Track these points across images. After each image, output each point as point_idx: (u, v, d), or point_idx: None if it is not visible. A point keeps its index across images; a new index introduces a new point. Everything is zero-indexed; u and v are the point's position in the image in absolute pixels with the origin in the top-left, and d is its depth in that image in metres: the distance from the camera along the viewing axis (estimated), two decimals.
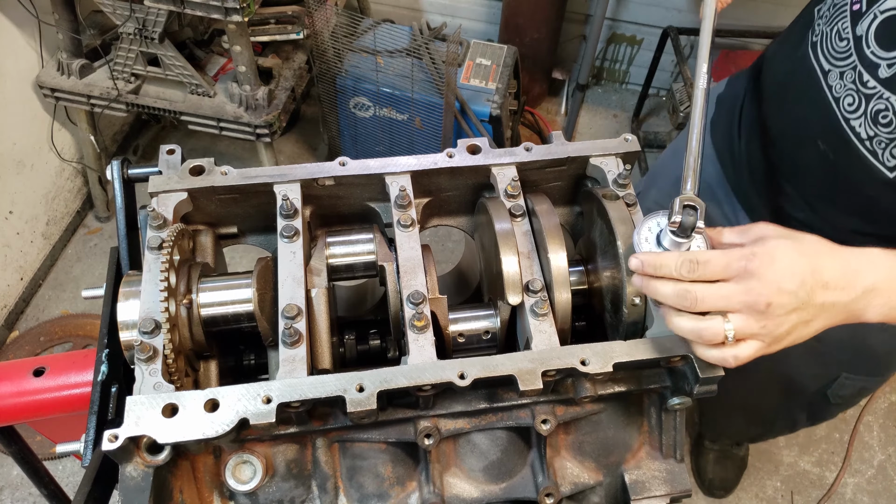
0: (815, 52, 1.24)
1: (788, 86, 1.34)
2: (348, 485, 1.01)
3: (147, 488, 0.86)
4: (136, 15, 2.61)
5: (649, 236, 0.98)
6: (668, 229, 0.94)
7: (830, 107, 1.21)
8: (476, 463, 1.04)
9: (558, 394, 1.01)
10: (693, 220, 0.93)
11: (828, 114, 1.21)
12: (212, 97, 2.90)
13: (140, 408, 0.87)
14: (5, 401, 1.24)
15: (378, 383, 0.91)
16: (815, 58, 1.24)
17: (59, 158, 3.22)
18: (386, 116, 3.15)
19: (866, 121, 1.14)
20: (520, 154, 1.18)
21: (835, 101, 1.20)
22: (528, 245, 1.10)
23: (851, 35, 1.16)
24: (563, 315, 1.06)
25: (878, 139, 1.14)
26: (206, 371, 1.10)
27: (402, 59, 2.96)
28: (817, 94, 1.23)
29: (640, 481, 1.07)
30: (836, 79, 1.19)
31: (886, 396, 3.09)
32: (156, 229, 1.05)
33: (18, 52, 2.89)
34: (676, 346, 0.96)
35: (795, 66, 1.30)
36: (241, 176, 1.12)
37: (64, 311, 3.17)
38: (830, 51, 1.21)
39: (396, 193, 1.12)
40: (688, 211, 0.93)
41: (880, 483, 2.86)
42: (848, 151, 1.19)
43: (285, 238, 1.07)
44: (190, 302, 1.03)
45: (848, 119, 1.18)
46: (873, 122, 1.14)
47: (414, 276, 1.04)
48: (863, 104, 1.15)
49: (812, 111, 1.25)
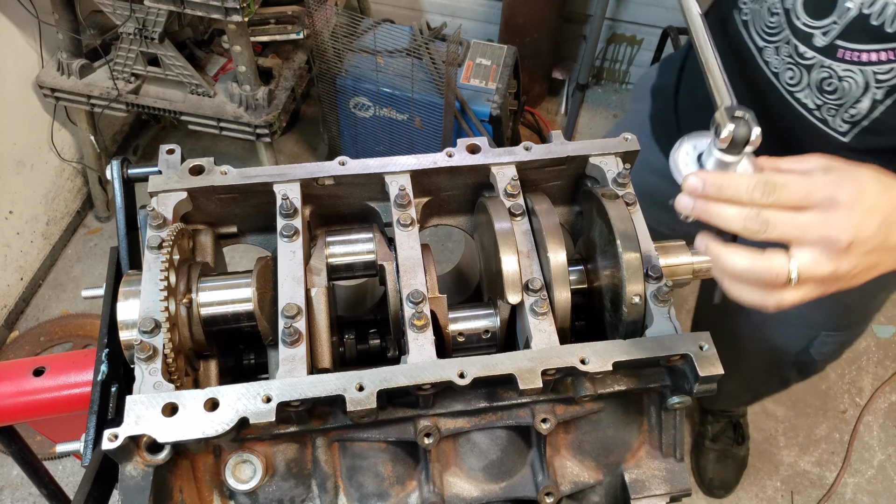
0: (748, 31, 1.22)
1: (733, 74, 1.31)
2: (348, 484, 1.01)
3: (147, 488, 0.86)
4: (136, 15, 2.61)
5: (688, 160, 0.86)
6: (716, 147, 0.81)
7: (771, 83, 1.20)
8: (476, 462, 1.04)
9: (558, 393, 1.01)
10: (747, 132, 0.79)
11: (771, 90, 1.20)
12: (212, 97, 2.90)
13: (140, 407, 0.87)
14: (5, 401, 1.24)
15: (378, 382, 0.91)
16: (748, 36, 1.22)
17: (59, 158, 3.22)
18: (386, 116, 3.15)
19: (811, 91, 1.13)
20: (519, 153, 1.18)
21: (775, 77, 1.19)
22: (528, 244, 1.10)
23: (781, 8, 1.14)
24: (562, 314, 1.06)
25: (826, 107, 1.12)
26: (205, 370, 1.10)
27: (402, 59, 2.96)
28: (755, 73, 1.22)
29: (639, 480, 1.07)
30: (773, 54, 1.18)
31: (886, 396, 3.09)
32: (155, 229, 1.06)
33: (18, 52, 2.89)
34: (676, 345, 0.96)
35: (727, 47, 1.27)
36: (240, 175, 1.12)
37: (64, 311, 3.17)
38: (763, 27, 1.19)
39: (396, 193, 1.12)
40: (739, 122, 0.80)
41: (880, 483, 2.86)
42: (799, 123, 1.18)
43: (285, 237, 1.07)
44: (190, 301, 1.03)
45: (792, 92, 1.17)
46: (819, 92, 1.12)
47: (414, 276, 1.04)
48: (804, 76, 1.13)
49: (753, 90, 1.24)
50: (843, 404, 3.07)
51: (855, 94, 1.10)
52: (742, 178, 0.80)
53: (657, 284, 1.04)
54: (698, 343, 0.96)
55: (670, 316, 1.01)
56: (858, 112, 1.11)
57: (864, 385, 3.13)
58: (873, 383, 3.13)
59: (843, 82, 1.09)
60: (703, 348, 0.96)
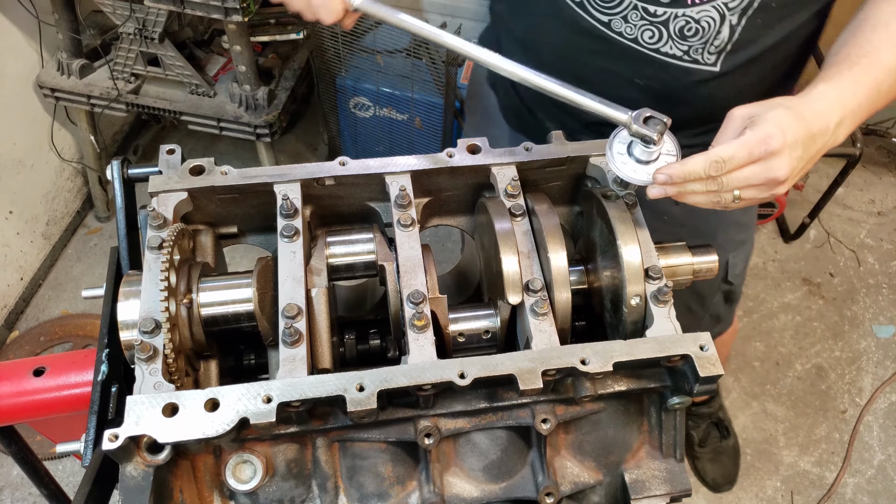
0: (587, 11, 1.26)
1: (571, 53, 1.33)
2: (348, 484, 1.01)
3: (147, 488, 0.86)
4: (136, 15, 2.61)
5: (622, 149, 1.05)
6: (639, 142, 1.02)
7: (632, 48, 1.26)
8: (476, 462, 1.04)
9: (558, 393, 1.01)
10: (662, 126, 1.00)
11: (633, 55, 1.27)
12: (212, 97, 2.90)
13: (140, 407, 0.87)
14: (5, 401, 1.24)
15: (378, 383, 0.91)
16: (589, 16, 1.26)
17: (59, 158, 3.22)
18: (386, 116, 3.15)
19: (674, 42, 1.22)
20: (520, 154, 1.18)
21: (634, 42, 1.25)
22: (528, 245, 1.10)
23: None
24: (562, 314, 1.06)
25: (692, 49, 1.23)
26: (206, 371, 1.10)
27: (402, 59, 2.96)
28: (609, 45, 1.27)
29: (640, 481, 1.07)
30: (622, 24, 1.24)
31: (886, 396, 3.09)
32: (156, 229, 1.05)
33: (18, 52, 2.89)
34: (676, 346, 0.96)
35: (569, 34, 1.30)
36: (241, 176, 1.12)
37: (64, 311, 3.17)
38: (600, 3, 1.24)
39: (396, 193, 1.12)
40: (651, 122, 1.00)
41: (880, 483, 2.86)
42: (670, 72, 1.27)
43: (285, 238, 1.07)
44: (190, 301, 1.03)
45: (657, 49, 1.25)
46: (682, 39, 1.22)
47: (414, 276, 1.04)
48: (663, 31, 1.22)
49: (615, 61, 1.29)
50: (843, 404, 3.07)
51: (714, 28, 1.20)
52: (698, 163, 0.98)
53: (657, 285, 1.04)
54: (698, 343, 0.96)
55: (670, 316, 1.02)
56: (721, 41, 1.22)
57: (864, 385, 3.13)
58: (873, 383, 3.13)
59: (701, 23, 1.19)
60: (703, 349, 0.96)
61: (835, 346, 3.25)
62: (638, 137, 1.02)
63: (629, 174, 1.05)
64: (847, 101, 1.05)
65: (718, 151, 0.98)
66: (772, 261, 3.53)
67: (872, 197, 3.81)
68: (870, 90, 1.06)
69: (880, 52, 1.08)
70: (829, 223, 3.67)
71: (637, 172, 1.04)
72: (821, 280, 3.46)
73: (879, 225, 3.69)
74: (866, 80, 1.06)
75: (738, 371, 3.14)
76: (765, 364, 3.17)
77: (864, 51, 1.09)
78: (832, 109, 1.03)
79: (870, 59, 1.08)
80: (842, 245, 3.60)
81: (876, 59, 1.07)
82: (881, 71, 1.07)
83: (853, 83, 1.06)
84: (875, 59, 1.07)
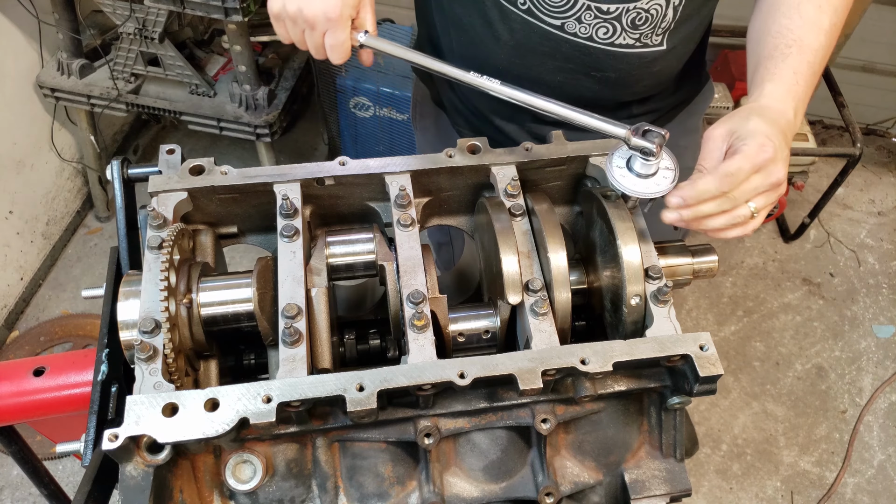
0: (536, 16, 1.28)
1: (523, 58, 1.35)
2: (348, 484, 1.01)
3: (147, 488, 0.86)
4: (136, 15, 2.61)
5: (620, 163, 1.07)
6: (638, 156, 1.04)
7: (586, 47, 1.30)
8: (476, 462, 1.04)
9: (558, 393, 1.01)
10: (661, 139, 1.03)
11: (587, 52, 1.30)
12: (212, 97, 2.90)
13: (140, 407, 0.87)
14: (5, 401, 1.24)
15: (378, 383, 0.91)
16: (539, 21, 1.28)
17: (59, 158, 3.22)
18: (386, 116, 3.15)
19: (627, 32, 1.27)
20: (519, 154, 1.18)
21: (588, 40, 1.29)
22: (528, 244, 1.10)
23: None
24: (562, 314, 1.06)
25: (643, 34, 1.28)
26: (206, 370, 1.10)
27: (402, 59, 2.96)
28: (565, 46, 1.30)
29: (640, 480, 1.07)
30: (575, 25, 1.27)
31: (886, 396, 3.09)
32: (156, 229, 1.05)
33: (18, 52, 2.89)
34: (676, 346, 0.96)
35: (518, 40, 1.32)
36: (241, 175, 1.12)
37: (64, 311, 3.17)
38: (549, 8, 1.26)
39: (396, 193, 1.12)
40: (649, 135, 1.03)
41: (880, 483, 2.86)
42: (623, 61, 1.31)
43: (285, 237, 1.07)
44: (190, 301, 1.03)
45: (612, 42, 1.29)
46: (634, 28, 1.26)
47: (414, 276, 1.04)
48: (616, 26, 1.26)
49: (569, 60, 1.33)
50: (843, 404, 3.07)
51: (662, 13, 1.25)
52: (710, 182, 1.03)
53: (657, 284, 1.04)
54: (698, 343, 0.96)
55: (670, 316, 1.02)
56: (667, 23, 1.28)
57: (864, 385, 3.13)
58: (873, 383, 3.13)
59: (651, 11, 1.24)
60: (703, 348, 0.96)
61: (835, 346, 3.25)
62: (637, 150, 1.04)
63: (629, 187, 1.06)
64: (794, 91, 1.15)
65: (726, 167, 1.03)
66: (772, 261, 3.53)
67: (872, 197, 3.81)
68: (807, 75, 1.17)
69: (803, 38, 1.18)
70: (829, 223, 3.67)
71: (637, 185, 1.06)
72: (821, 280, 3.46)
73: (879, 225, 3.69)
74: (802, 67, 1.17)
75: (738, 371, 3.14)
76: (765, 364, 3.17)
77: (789, 40, 1.18)
78: (786, 103, 1.13)
79: (797, 46, 1.18)
80: (842, 245, 3.60)
81: (802, 46, 1.18)
82: (810, 54, 1.18)
83: (794, 74, 1.16)
84: (801, 46, 1.18)
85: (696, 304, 3.35)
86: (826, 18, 1.20)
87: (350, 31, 1.16)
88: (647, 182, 1.05)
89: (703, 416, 3.01)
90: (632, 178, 1.06)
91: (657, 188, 1.05)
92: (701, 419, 3.00)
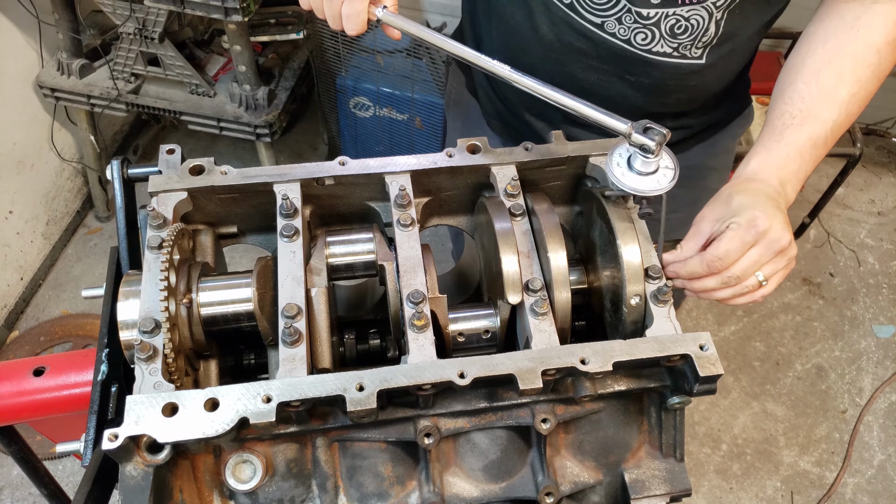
0: (578, 12, 1.27)
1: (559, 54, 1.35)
2: (348, 484, 1.01)
3: (147, 488, 0.86)
4: (136, 15, 2.61)
5: (621, 161, 1.07)
6: (639, 154, 1.04)
7: (623, 49, 1.29)
8: (476, 462, 1.04)
9: (558, 393, 1.01)
10: (662, 137, 1.03)
11: (624, 55, 1.29)
12: (212, 97, 2.90)
13: (140, 407, 0.87)
14: (5, 401, 1.24)
15: (378, 382, 0.91)
16: (580, 17, 1.28)
17: (59, 158, 3.22)
18: (386, 116, 3.15)
19: (665, 40, 1.26)
20: (519, 153, 1.18)
21: (626, 43, 1.28)
22: (528, 244, 1.10)
23: None
24: (562, 314, 1.06)
25: (682, 45, 1.27)
26: (206, 370, 1.10)
27: (402, 59, 2.96)
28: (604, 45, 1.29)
29: (640, 480, 1.07)
30: (615, 25, 1.26)
31: (886, 396, 3.09)
32: (156, 229, 1.05)
33: (18, 52, 2.89)
34: (676, 345, 0.96)
35: (558, 34, 1.32)
36: (240, 175, 1.12)
37: (64, 311, 3.17)
38: (592, 5, 1.25)
39: (396, 193, 1.12)
40: (650, 132, 1.03)
41: (880, 483, 2.86)
42: (659, 69, 1.31)
43: (285, 237, 1.07)
44: (190, 301, 1.03)
45: (649, 49, 1.28)
46: (672, 37, 1.25)
47: (414, 276, 1.04)
48: (655, 32, 1.25)
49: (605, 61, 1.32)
50: (843, 404, 3.07)
51: (703, 25, 1.24)
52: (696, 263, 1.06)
53: (657, 284, 1.04)
54: (698, 343, 0.96)
55: (670, 316, 1.02)
56: (708, 37, 1.26)
57: (864, 385, 3.13)
58: (873, 383, 3.13)
59: (691, 21, 1.23)
60: (703, 348, 0.96)
61: (835, 346, 3.25)
62: (637, 146, 1.03)
63: (629, 184, 1.06)
64: (784, 167, 1.15)
65: (713, 250, 1.05)
66: None
67: (872, 197, 3.81)
68: (805, 149, 1.16)
69: (813, 108, 1.17)
70: (829, 223, 3.67)
71: (636, 183, 1.06)
72: (821, 280, 3.46)
73: (879, 225, 3.69)
74: (801, 140, 1.16)
75: (738, 371, 3.14)
76: (765, 364, 3.17)
77: (796, 109, 1.18)
78: (773, 175, 1.14)
79: (802, 117, 1.17)
80: (842, 245, 3.60)
81: (808, 117, 1.17)
82: (818, 126, 1.17)
83: (786, 146, 1.16)
84: (808, 117, 1.17)
85: (696, 304, 3.35)
86: (845, 90, 1.17)
87: (368, 2, 1.15)
88: (647, 180, 1.05)
89: (703, 416, 3.01)
90: (632, 176, 1.06)
91: (657, 186, 1.05)
92: (701, 419, 3.00)
